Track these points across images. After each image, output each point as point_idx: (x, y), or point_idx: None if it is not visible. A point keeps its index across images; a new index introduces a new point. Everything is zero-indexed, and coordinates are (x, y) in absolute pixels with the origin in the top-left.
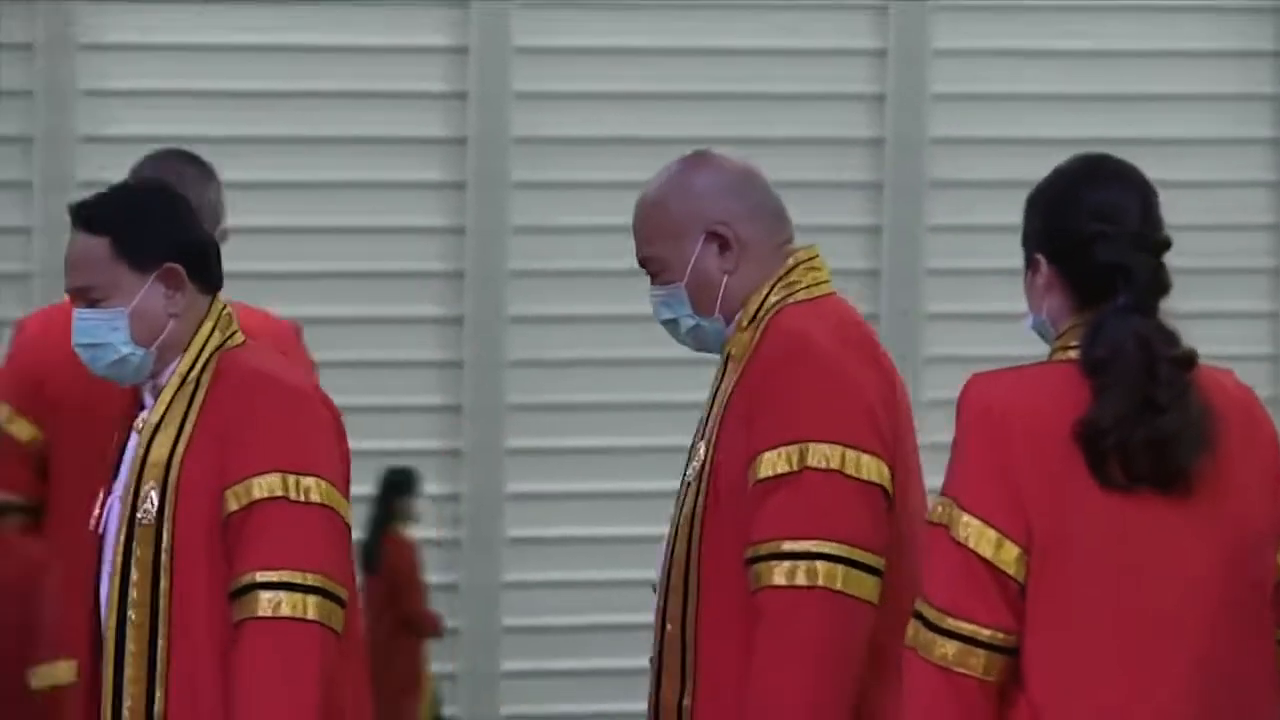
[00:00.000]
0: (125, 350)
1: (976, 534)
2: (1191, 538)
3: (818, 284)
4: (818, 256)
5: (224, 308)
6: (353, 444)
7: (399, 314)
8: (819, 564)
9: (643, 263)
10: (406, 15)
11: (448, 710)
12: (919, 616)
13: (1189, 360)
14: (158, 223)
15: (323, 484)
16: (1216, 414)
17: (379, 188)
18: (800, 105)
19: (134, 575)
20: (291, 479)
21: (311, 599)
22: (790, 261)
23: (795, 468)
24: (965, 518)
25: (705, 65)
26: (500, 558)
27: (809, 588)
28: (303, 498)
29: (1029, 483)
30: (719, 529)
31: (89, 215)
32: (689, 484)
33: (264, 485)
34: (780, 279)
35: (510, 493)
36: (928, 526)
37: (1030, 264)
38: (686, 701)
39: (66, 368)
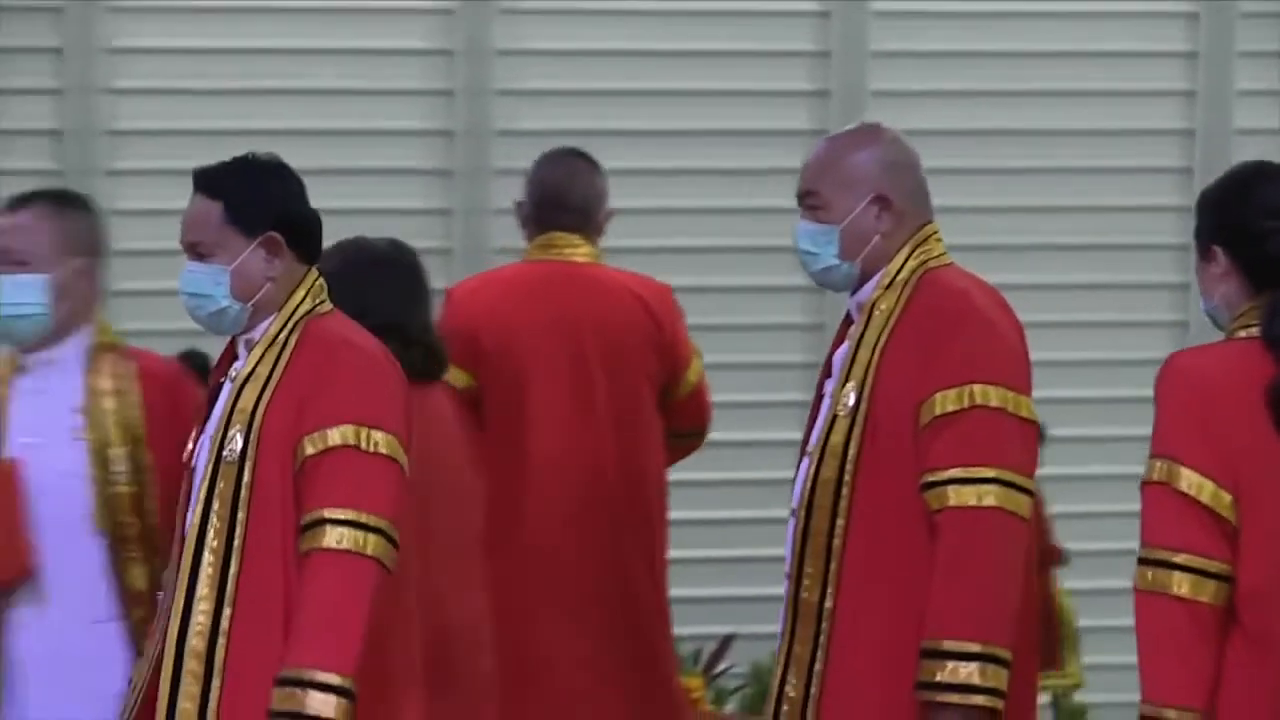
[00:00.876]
0: (224, 303)
1: (1197, 486)
2: None
3: (943, 254)
4: (938, 231)
5: (317, 278)
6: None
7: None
8: (991, 488)
9: (804, 195)
10: None
11: None
12: (1149, 562)
13: None
14: (266, 195)
15: (389, 438)
16: None
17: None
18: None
19: (215, 506)
20: (363, 431)
21: (372, 537)
22: (922, 234)
23: (966, 405)
24: (1185, 472)
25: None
26: None
27: (985, 508)
28: (371, 449)
29: (1232, 440)
30: (875, 458)
31: (209, 181)
32: (838, 418)
33: (338, 435)
34: (917, 246)
35: None
36: (1146, 484)
37: (1206, 255)
38: (829, 604)
39: (492, 325)
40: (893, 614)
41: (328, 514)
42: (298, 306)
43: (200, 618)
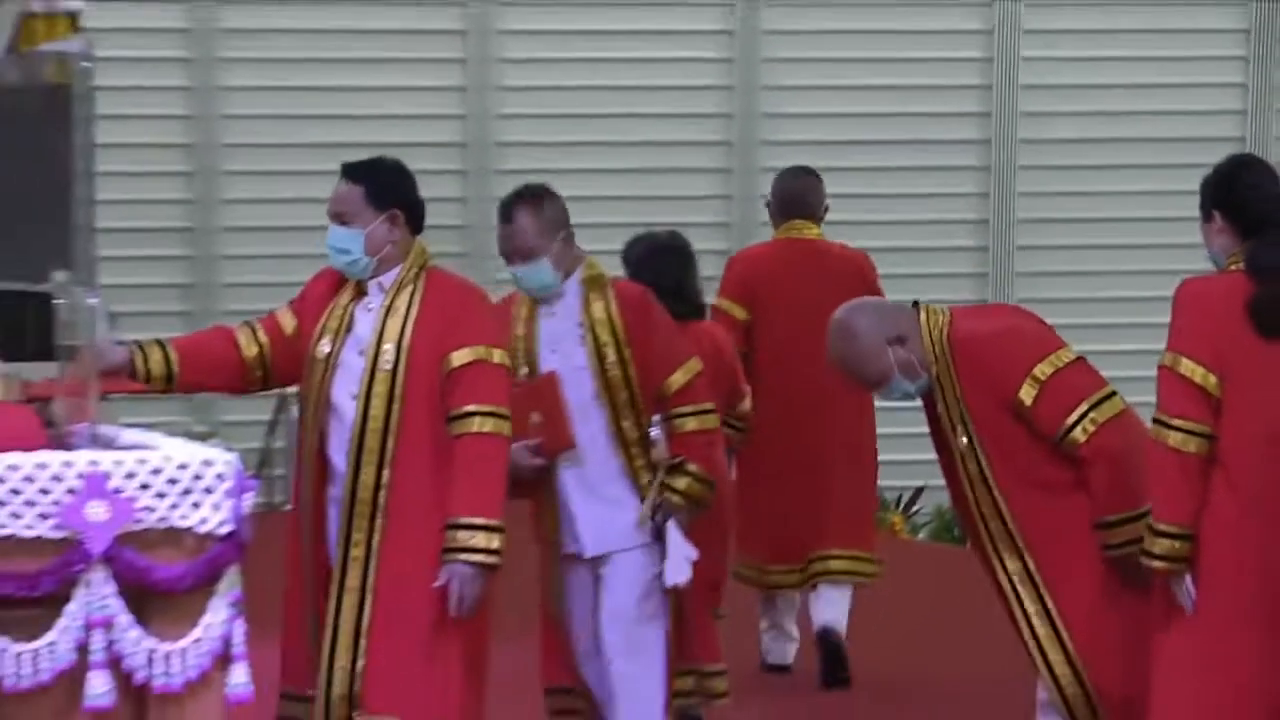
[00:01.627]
0: (357, 255)
1: (1191, 370)
2: None
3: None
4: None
5: (423, 246)
6: None
7: None
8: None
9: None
10: None
11: None
12: (1157, 422)
13: None
14: (392, 184)
15: (503, 352)
16: None
17: None
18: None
19: (373, 402)
20: (492, 350)
21: (504, 423)
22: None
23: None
24: (1185, 361)
25: None
26: None
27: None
28: (495, 360)
29: (1222, 339)
30: (1004, 452)
31: (354, 171)
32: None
33: (475, 352)
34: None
35: None
36: (1160, 368)
37: (1208, 218)
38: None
39: (762, 277)
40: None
41: (471, 408)
42: (415, 260)
43: (364, 477)
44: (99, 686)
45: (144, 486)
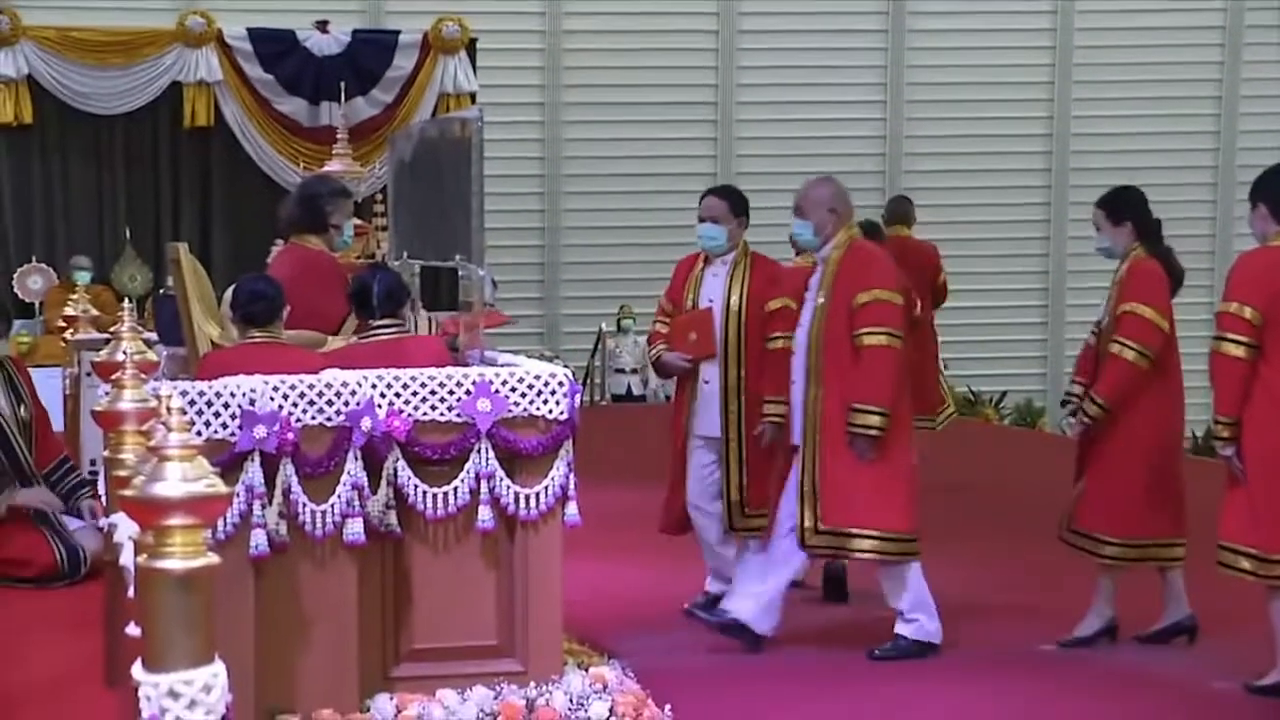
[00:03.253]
0: (723, 241)
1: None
2: None
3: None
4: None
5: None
6: None
7: None
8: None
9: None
10: None
11: None
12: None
13: None
14: (732, 200)
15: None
16: None
17: None
18: None
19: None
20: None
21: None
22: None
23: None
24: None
25: None
26: None
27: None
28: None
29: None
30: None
31: (718, 194)
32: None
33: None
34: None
35: None
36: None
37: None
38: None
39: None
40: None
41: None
42: (745, 246)
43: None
44: (485, 515)
45: (512, 389)
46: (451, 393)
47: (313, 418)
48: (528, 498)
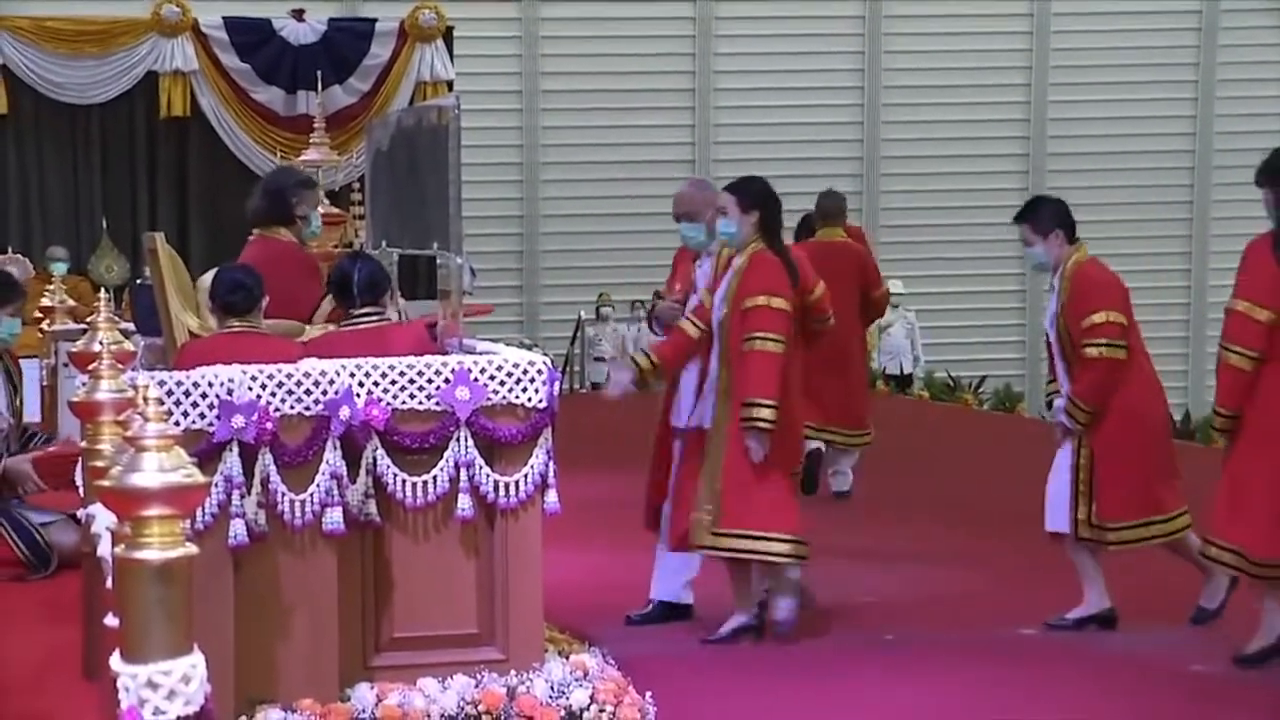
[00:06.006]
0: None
1: (1249, 309)
2: None
3: None
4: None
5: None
6: None
7: None
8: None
9: None
10: None
11: None
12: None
13: None
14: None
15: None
16: None
17: None
18: None
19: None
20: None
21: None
22: None
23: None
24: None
25: None
26: None
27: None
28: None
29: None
30: None
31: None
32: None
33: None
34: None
35: None
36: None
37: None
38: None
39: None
40: None
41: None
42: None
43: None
44: (465, 504)
45: (491, 378)
46: (430, 381)
47: (291, 407)
48: (507, 486)
